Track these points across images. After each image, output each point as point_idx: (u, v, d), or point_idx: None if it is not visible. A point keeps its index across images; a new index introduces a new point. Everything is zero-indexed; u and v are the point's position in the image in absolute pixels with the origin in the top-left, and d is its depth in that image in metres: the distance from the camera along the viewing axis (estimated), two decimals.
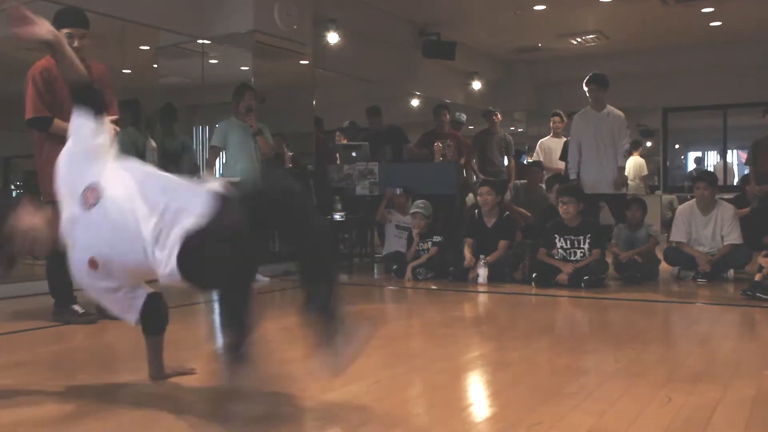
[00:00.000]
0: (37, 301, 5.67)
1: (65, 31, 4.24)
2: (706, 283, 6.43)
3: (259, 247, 2.54)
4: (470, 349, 3.86)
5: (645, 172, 12.16)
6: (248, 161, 6.70)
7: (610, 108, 7.24)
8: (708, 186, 6.70)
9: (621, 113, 7.27)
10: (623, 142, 7.15)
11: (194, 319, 5.23)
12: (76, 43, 4.31)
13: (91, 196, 2.55)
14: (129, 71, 9.15)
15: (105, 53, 8.29)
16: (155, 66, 8.02)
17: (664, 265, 6.93)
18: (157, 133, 7.83)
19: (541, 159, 9.36)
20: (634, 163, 11.93)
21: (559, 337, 4.33)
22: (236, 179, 6.57)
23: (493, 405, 2.72)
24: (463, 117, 10.30)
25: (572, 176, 7.11)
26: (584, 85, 7.36)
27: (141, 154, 7.44)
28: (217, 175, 7.36)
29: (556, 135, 9.43)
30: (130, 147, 7.30)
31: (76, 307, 4.51)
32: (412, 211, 7.14)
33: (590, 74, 7.41)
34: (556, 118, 9.51)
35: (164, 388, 2.96)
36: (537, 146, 9.72)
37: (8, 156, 11.30)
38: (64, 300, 4.54)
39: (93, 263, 2.54)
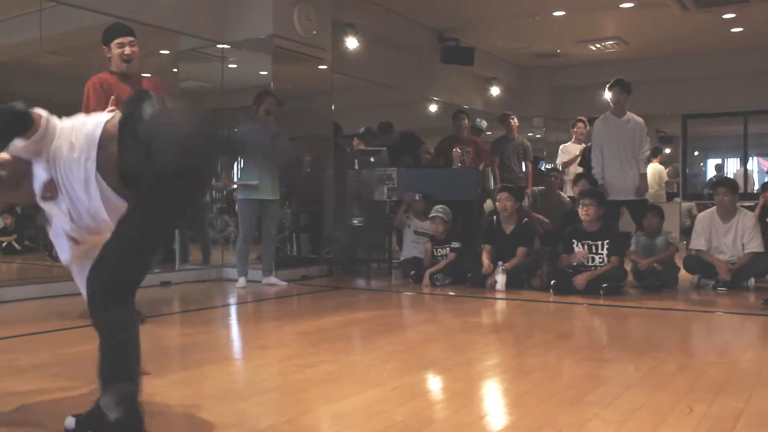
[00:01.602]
0: (58, 303, 5.72)
1: (116, 41, 4.58)
2: (727, 292, 6.37)
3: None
4: (489, 356, 3.85)
5: (666, 178, 12.11)
6: (265, 165, 6.72)
7: (630, 115, 7.21)
8: (728, 192, 6.65)
9: (641, 120, 7.23)
10: (644, 149, 7.11)
11: (213, 323, 5.25)
12: (127, 50, 4.59)
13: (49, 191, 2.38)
14: (149, 75, 9.22)
15: None
16: (175, 70, 8.05)
17: (683, 273, 6.88)
18: None
19: (561, 162, 9.32)
20: (653, 171, 11.88)
21: (578, 345, 4.30)
22: (254, 182, 6.66)
23: (513, 413, 2.71)
24: (484, 124, 10.30)
25: (599, 181, 7.06)
26: (607, 89, 7.32)
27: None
28: (235, 178, 7.39)
29: (578, 141, 9.39)
30: None
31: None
32: (431, 215, 7.14)
33: (614, 78, 7.36)
34: (580, 124, 9.47)
35: (184, 390, 2.97)
36: (559, 150, 9.68)
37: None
38: None
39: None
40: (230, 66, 8.33)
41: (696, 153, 16.01)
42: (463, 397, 2.94)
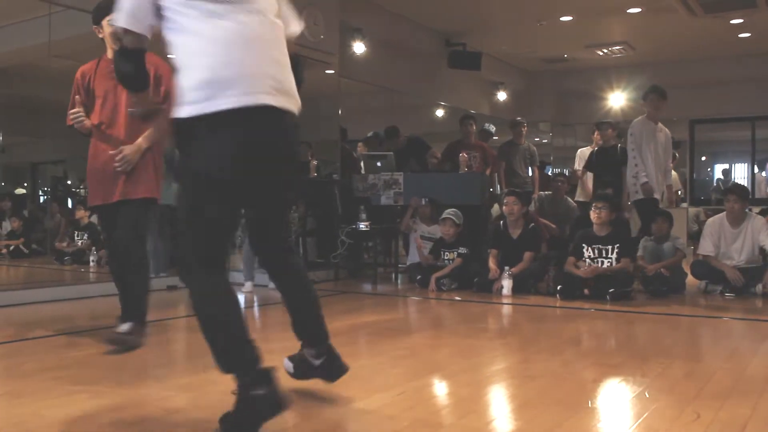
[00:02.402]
0: (65, 307, 5.73)
1: (108, 18, 4.00)
2: (734, 298, 6.35)
3: None
4: (495, 361, 3.84)
5: (679, 186, 12.07)
6: None
7: (661, 124, 7.22)
8: (738, 199, 6.62)
9: (668, 131, 7.26)
10: (669, 161, 7.14)
11: None
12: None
13: None
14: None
15: None
16: None
17: (691, 279, 6.86)
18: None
19: (578, 168, 9.24)
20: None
21: (584, 351, 4.30)
22: None
23: (519, 419, 2.70)
24: (493, 128, 10.29)
25: (644, 180, 6.99)
26: (644, 96, 7.31)
27: (170, 164, 7.51)
28: None
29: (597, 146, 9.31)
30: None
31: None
32: (442, 217, 7.14)
33: (650, 86, 7.38)
34: (610, 131, 9.34)
35: (189, 395, 2.97)
36: (577, 154, 9.58)
37: (36, 162, 11.46)
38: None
39: None
40: None
41: (703, 158, 15.97)
42: (469, 402, 2.93)
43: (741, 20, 9.99)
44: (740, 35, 10.84)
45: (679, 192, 12.98)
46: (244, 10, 2.41)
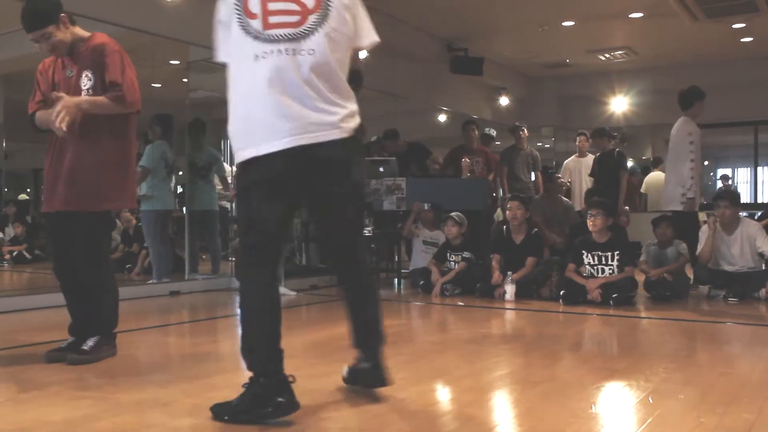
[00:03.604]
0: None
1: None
2: (738, 303, 6.34)
3: None
4: (498, 366, 3.84)
5: None
6: None
7: None
8: (730, 205, 6.61)
9: None
10: None
11: (223, 332, 5.26)
12: (42, 47, 3.67)
13: None
14: (159, 85, 9.26)
15: (136, 68, 8.40)
16: (185, 80, 8.09)
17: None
18: (186, 147, 7.92)
19: (567, 179, 9.27)
20: (656, 179, 11.87)
21: (587, 356, 4.29)
22: None
23: (522, 424, 2.70)
24: (494, 132, 10.30)
25: (692, 195, 7.03)
26: (695, 96, 7.32)
27: (170, 169, 7.53)
28: None
29: (582, 154, 9.37)
30: (160, 160, 7.40)
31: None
32: (446, 216, 7.14)
33: (690, 87, 7.40)
34: (582, 138, 9.43)
35: (192, 401, 2.97)
36: (564, 165, 9.66)
37: (39, 168, 11.48)
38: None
39: None
40: None
41: (706, 163, 15.96)
42: (472, 408, 2.93)
43: (743, 24, 9.99)
44: (742, 39, 10.85)
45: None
46: (286, 50, 2.66)
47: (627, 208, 8.02)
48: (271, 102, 2.63)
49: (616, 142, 8.46)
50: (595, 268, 6.28)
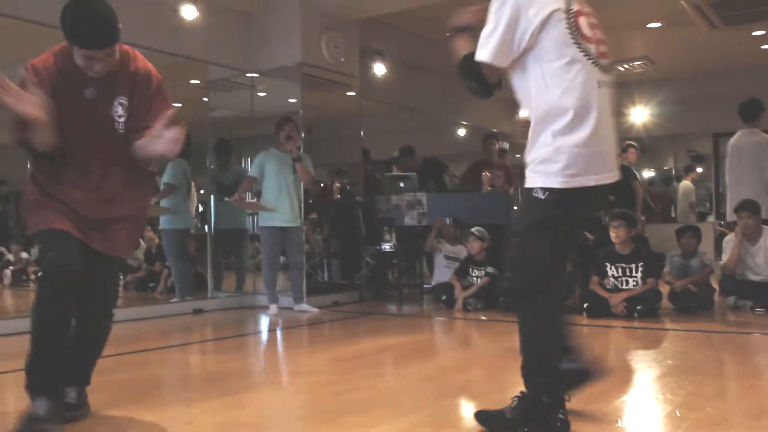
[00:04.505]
0: None
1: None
2: (765, 313, 6.26)
3: None
4: (522, 380, 3.81)
5: (693, 198, 11.96)
6: (283, 191, 6.79)
7: None
8: (751, 215, 6.55)
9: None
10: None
11: (246, 350, 5.27)
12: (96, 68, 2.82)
13: None
14: (179, 105, 9.34)
15: None
16: (205, 99, 8.16)
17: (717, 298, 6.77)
18: (211, 168, 7.99)
19: None
20: (685, 189, 11.78)
21: (612, 369, 4.25)
22: (271, 207, 6.72)
23: None
24: (507, 145, 10.27)
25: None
26: (759, 110, 7.33)
27: (189, 185, 7.60)
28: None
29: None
30: (182, 177, 7.46)
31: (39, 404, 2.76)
32: (468, 231, 7.13)
33: (755, 99, 7.40)
34: (632, 150, 9.22)
35: (216, 419, 2.97)
36: None
37: None
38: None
39: None
40: (260, 94, 8.42)
41: None
42: None
43: (763, 32, 9.92)
44: (762, 47, 10.77)
45: (706, 204, 12.88)
46: (612, 83, 2.74)
47: (643, 218, 7.95)
48: (611, 133, 2.63)
49: (622, 156, 8.37)
50: (619, 280, 6.23)
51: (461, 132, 12.48)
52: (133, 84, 2.92)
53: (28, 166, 2.96)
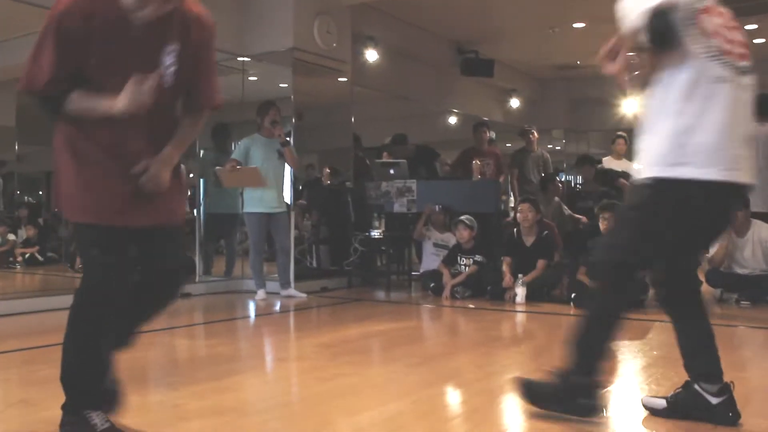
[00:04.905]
0: None
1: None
2: (750, 306, 6.30)
3: None
4: (509, 369, 3.82)
5: None
6: (270, 177, 6.75)
7: None
8: (741, 208, 6.57)
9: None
10: None
11: (234, 335, 5.26)
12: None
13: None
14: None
15: None
16: None
17: (706, 287, 6.81)
18: (207, 152, 7.94)
19: None
20: None
21: None
22: (257, 192, 6.68)
23: (533, 428, 2.69)
24: (493, 134, 10.27)
25: None
26: None
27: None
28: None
29: (618, 157, 9.24)
30: None
31: (95, 418, 2.46)
32: (455, 221, 7.14)
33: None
34: (621, 140, 9.25)
35: (203, 403, 2.97)
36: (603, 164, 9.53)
37: (50, 171, 11.53)
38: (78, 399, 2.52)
39: None
40: (251, 78, 8.38)
41: None
42: (483, 412, 2.92)
43: (756, 26, 9.93)
44: (755, 41, 10.78)
45: None
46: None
47: None
48: (747, 132, 2.57)
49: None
50: None
51: (452, 120, 12.47)
52: (185, 32, 2.46)
53: (59, 127, 2.44)
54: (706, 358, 2.79)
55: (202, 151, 8.00)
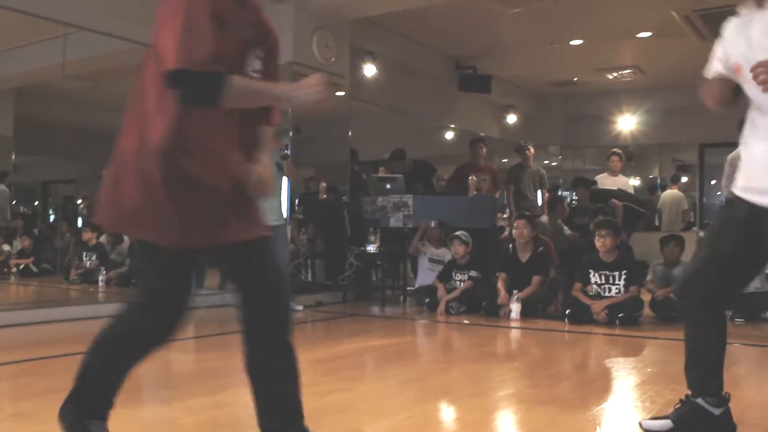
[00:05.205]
0: (74, 326, 5.74)
1: None
2: (744, 324, 6.31)
3: None
4: (503, 385, 3.83)
5: (685, 206, 12.06)
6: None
7: None
8: None
9: None
10: None
11: (228, 349, 5.25)
12: None
13: None
14: None
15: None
16: None
17: None
18: None
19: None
20: (673, 197, 11.87)
21: (593, 376, 4.28)
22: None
23: None
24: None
25: None
26: None
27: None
28: None
29: (613, 174, 9.27)
30: None
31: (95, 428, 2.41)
32: (450, 236, 7.15)
33: None
34: (615, 158, 9.30)
35: (196, 418, 2.96)
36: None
37: (46, 180, 11.55)
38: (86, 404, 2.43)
39: None
40: None
41: (713, 182, 15.93)
42: (477, 428, 2.92)
43: None
44: None
45: (691, 214, 12.95)
46: None
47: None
48: None
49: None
50: (602, 287, 6.27)
51: (449, 135, 12.52)
52: (266, 37, 2.26)
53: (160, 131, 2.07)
54: (716, 371, 2.89)
55: None
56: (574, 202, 9.05)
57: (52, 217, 12.08)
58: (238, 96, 2.06)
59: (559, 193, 11.68)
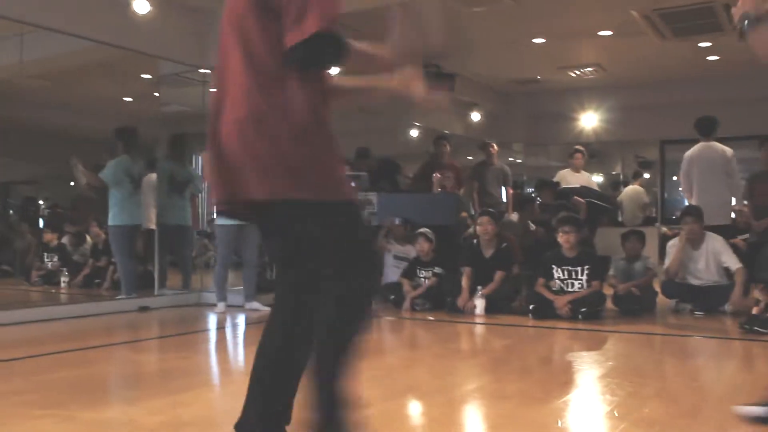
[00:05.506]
0: (33, 329, 5.67)
1: None
2: (704, 317, 6.42)
3: None
4: (468, 381, 3.85)
5: (646, 199, 12.25)
6: None
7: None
8: (696, 220, 6.70)
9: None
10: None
11: (192, 348, 5.22)
12: None
13: None
14: (130, 99, 9.21)
15: (107, 82, 8.28)
16: (156, 94, 8.06)
17: (661, 298, 6.92)
18: (164, 163, 7.86)
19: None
20: (633, 192, 12.04)
21: (556, 370, 4.32)
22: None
23: None
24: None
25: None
26: (716, 125, 8.01)
27: (136, 183, 7.43)
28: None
29: (577, 170, 9.37)
30: (123, 176, 7.28)
31: None
32: (415, 233, 7.16)
33: (712, 116, 8.11)
34: (578, 155, 9.44)
35: (158, 418, 2.94)
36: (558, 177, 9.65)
37: (6, 182, 11.35)
38: None
39: None
40: (212, 90, 8.35)
41: (675, 178, 16.15)
42: (442, 423, 2.94)
43: (709, 44, 10.15)
44: (708, 58, 11.02)
45: (652, 209, 13.14)
46: None
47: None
48: None
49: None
50: (565, 282, 6.33)
51: (413, 133, 12.54)
52: None
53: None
54: None
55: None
56: (538, 199, 9.12)
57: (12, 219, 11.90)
58: (357, 55, 2.18)
59: (526, 191, 11.80)
